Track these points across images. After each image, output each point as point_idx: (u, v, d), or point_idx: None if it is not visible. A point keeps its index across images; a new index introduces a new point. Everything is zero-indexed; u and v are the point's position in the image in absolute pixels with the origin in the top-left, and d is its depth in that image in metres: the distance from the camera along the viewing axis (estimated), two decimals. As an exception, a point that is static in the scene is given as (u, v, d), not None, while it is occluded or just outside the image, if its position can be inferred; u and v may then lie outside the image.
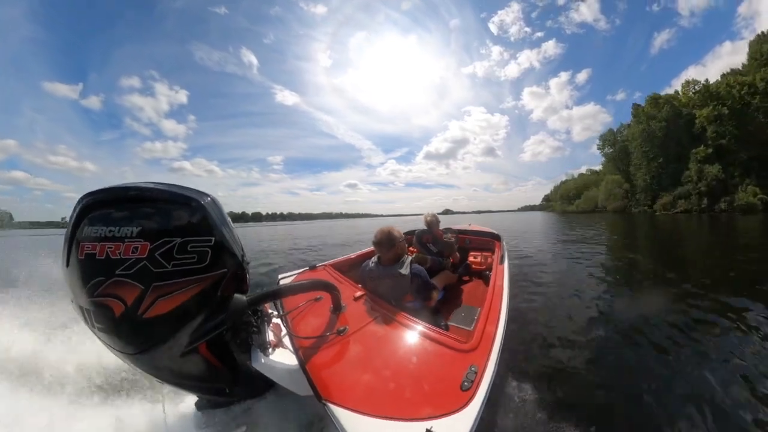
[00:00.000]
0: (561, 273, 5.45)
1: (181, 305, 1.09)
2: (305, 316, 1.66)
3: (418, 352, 1.31)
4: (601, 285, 4.55)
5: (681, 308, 3.41)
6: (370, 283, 2.00)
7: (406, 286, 1.87)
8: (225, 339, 1.29)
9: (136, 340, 1.09)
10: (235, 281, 1.25)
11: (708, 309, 3.36)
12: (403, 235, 2.04)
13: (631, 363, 2.41)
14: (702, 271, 5.64)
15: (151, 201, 1.09)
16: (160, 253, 1.03)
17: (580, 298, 3.96)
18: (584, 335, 2.86)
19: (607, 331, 2.95)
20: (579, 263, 6.11)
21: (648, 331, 2.88)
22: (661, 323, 3.02)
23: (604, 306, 3.63)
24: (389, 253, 1.94)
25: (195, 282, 1.10)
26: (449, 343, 1.32)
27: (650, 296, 4.05)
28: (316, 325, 1.56)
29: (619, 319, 3.23)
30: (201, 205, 1.15)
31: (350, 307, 1.70)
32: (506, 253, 3.16)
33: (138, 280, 1.02)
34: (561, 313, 3.44)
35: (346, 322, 1.55)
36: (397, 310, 1.64)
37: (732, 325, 2.90)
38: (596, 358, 2.49)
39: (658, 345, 2.61)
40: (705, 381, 2.09)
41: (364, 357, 1.31)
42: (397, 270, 1.87)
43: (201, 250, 1.11)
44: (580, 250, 7.78)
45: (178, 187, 1.17)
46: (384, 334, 1.46)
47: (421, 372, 1.20)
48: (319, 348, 1.35)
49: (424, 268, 2.02)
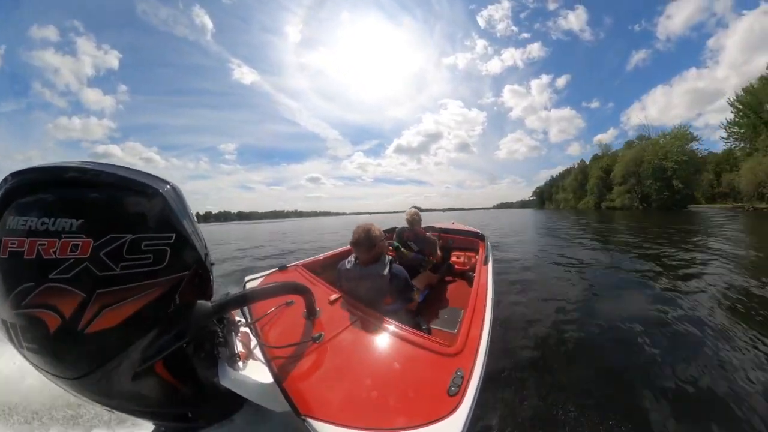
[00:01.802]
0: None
1: (132, 316, 0.91)
2: (276, 323, 1.55)
3: (400, 358, 1.27)
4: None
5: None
6: (347, 285, 1.91)
7: (385, 288, 1.80)
8: (186, 353, 1.12)
9: (77, 362, 0.90)
10: (197, 285, 1.10)
11: None
12: (384, 233, 1.98)
13: (623, 360, 2.46)
14: None
15: (98, 186, 0.89)
16: (106, 252, 0.85)
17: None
18: (577, 335, 2.91)
19: (599, 330, 3.02)
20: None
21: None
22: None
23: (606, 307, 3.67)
24: (368, 254, 1.86)
25: (150, 287, 0.93)
26: (433, 348, 1.29)
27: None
28: (289, 332, 1.46)
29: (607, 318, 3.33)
30: (159, 194, 0.98)
31: (325, 312, 1.61)
32: (490, 253, 3.17)
33: (78, 287, 0.83)
34: (550, 313, 3.49)
35: (322, 327, 1.46)
36: (376, 314, 1.58)
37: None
38: (585, 358, 2.53)
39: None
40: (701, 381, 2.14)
41: (344, 365, 1.24)
42: (377, 270, 1.81)
43: (158, 248, 0.94)
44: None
45: (133, 171, 0.99)
46: (363, 340, 1.40)
47: (406, 379, 1.16)
48: (294, 358, 1.26)
49: (404, 265, 1.98)
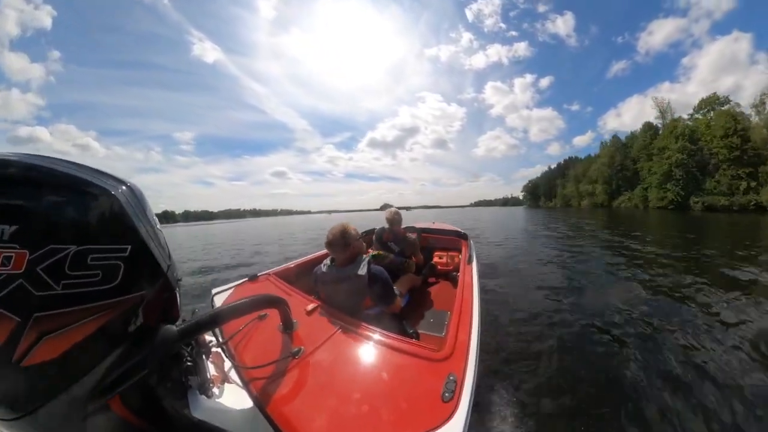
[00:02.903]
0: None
1: (79, 345, 0.73)
2: (251, 340, 1.44)
3: (388, 367, 1.22)
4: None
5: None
6: (324, 290, 1.83)
7: (364, 289, 1.74)
8: (149, 385, 0.94)
9: (12, 401, 0.71)
10: (160, 306, 0.93)
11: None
12: (361, 234, 1.93)
13: (611, 354, 2.54)
14: None
15: (35, 185, 0.70)
16: (45, 267, 0.68)
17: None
18: (567, 332, 2.99)
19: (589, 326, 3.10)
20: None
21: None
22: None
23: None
24: (344, 254, 1.79)
25: (99, 310, 0.75)
26: (422, 353, 1.26)
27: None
28: (265, 349, 1.36)
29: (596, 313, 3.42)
30: (112, 196, 0.80)
31: (303, 323, 1.53)
32: (474, 252, 3.17)
33: (11, 309, 0.65)
34: (538, 310, 3.57)
35: (301, 341, 1.38)
36: (357, 321, 1.52)
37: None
38: (576, 354, 2.61)
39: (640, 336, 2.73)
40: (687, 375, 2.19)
41: (329, 380, 1.17)
42: (353, 271, 1.74)
43: (108, 263, 0.77)
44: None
45: (82, 168, 0.80)
46: (347, 351, 1.34)
47: (396, 388, 1.12)
48: (274, 377, 1.17)
49: (384, 267, 1.92)
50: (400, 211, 3.25)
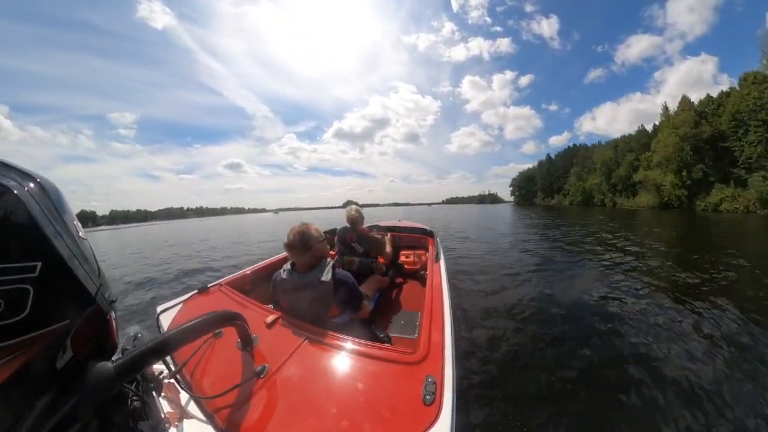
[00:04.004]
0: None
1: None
2: (208, 364, 1.29)
3: (363, 376, 1.18)
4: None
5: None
6: (285, 298, 1.70)
7: (329, 296, 1.64)
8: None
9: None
10: (91, 337, 0.74)
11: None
12: (324, 234, 1.81)
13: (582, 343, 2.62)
14: None
15: None
16: None
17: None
18: (541, 323, 3.10)
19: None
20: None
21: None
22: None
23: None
24: (305, 257, 1.66)
25: (8, 353, 0.60)
26: (396, 358, 1.24)
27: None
28: (226, 372, 1.23)
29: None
30: (13, 197, 0.61)
31: (264, 337, 1.41)
32: (441, 249, 3.16)
33: None
34: (510, 302, 3.67)
35: (264, 358, 1.28)
36: (324, 330, 1.45)
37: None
38: (551, 345, 2.69)
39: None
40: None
41: (301, 398, 1.10)
42: (316, 276, 1.62)
43: (12, 288, 0.59)
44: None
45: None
46: (316, 364, 1.27)
47: (375, 397, 1.08)
48: (240, 404, 1.07)
49: (351, 272, 1.85)
50: (361, 209, 3.12)
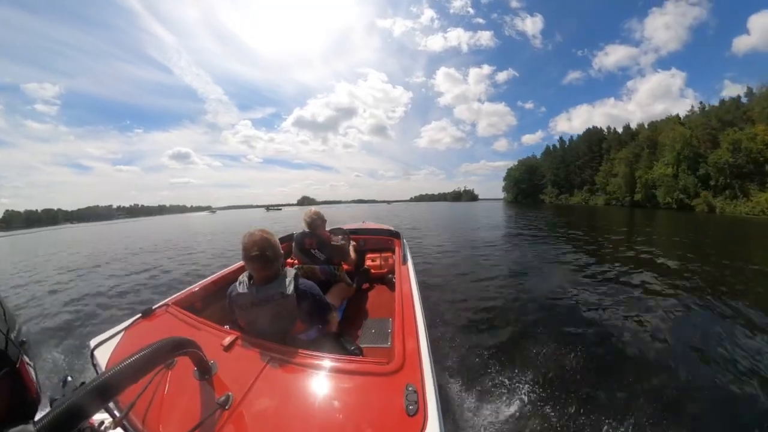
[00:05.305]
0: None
1: None
2: (161, 402, 1.13)
3: (338, 393, 1.11)
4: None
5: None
6: (243, 316, 1.53)
7: (293, 311, 1.50)
8: None
9: None
10: (4, 392, 0.60)
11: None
12: (279, 241, 1.63)
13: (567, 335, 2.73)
14: None
15: None
16: None
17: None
18: (522, 320, 3.18)
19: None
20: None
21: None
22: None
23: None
24: (269, 271, 1.50)
25: None
26: (372, 369, 1.18)
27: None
28: (183, 408, 1.10)
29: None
30: None
31: (223, 362, 1.27)
32: (408, 251, 3.06)
33: None
34: (480, 299, 3.77)
35: (226, 386, 1.15)
36: (290, 349, 1.34)
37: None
38: (531, 342, 2.74)
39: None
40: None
41: (274, 426, 1.01)
42: (277, 289, 1.47)
43: None
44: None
45: None
46: (285, 386, 1.17)
47: (354, 414, 1.02)
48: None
49: (315, 283, 1.71)
50: (320, 212, 2.79)
